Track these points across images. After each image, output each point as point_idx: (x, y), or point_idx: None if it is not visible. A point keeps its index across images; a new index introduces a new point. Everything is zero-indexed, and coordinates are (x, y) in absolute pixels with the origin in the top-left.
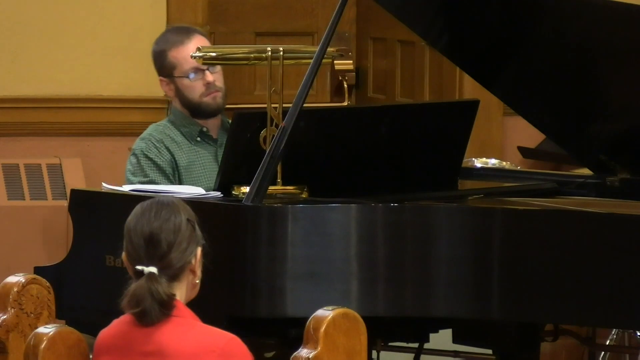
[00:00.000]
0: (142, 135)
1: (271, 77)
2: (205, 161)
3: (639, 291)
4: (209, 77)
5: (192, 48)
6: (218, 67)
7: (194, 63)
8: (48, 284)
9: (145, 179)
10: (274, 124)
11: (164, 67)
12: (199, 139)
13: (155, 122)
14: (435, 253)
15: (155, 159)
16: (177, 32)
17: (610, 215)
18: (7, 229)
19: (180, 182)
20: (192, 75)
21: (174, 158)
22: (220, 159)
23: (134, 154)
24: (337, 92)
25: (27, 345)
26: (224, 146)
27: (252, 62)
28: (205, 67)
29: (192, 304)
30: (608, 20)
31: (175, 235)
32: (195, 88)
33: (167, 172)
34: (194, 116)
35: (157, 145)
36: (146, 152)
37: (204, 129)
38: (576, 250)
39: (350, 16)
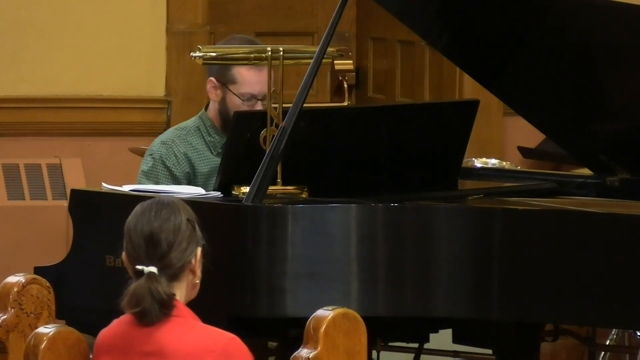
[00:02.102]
0: (164, 138)
1: (271, 77)
2: None
3: (639, 291)
4: (259, 107)
5: (261, 77)
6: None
7: (254, 90)
8: (48, 284)
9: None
10: (274, 124)
11: (224, 74)
12: (220, 150)
13: (156, 122)
14: (435, 253)
15: (172, 169)
16: (252, 43)
17: (610, 215)
18: (7, 229)
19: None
20: (245, 99)
21: (194, 169)
22: None
23: (152, 157)
24: (337, 92)
25: (27, 345)
26: (224, 146)
27: (252, 62)
28: (260, 96)
29: (192, 304)
30: (608, 20)
31: (175, 235)
32: (240, 109)
33: (182, 183)
34: (223, 128)
35: (178, 155)
36: (165, 159)
37: None
38: (576, 250)
39: (350, 16)
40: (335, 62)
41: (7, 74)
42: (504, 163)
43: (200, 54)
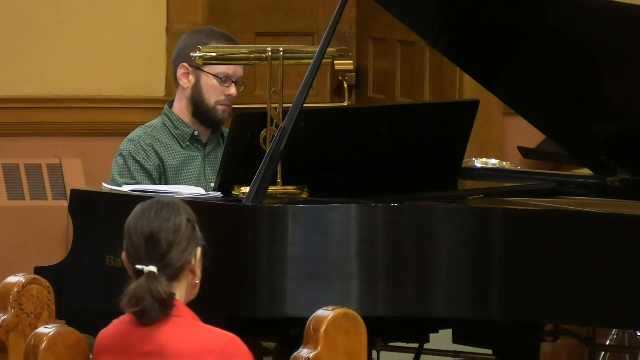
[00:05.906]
0: (130, 137)
1: (271, 77)
2: (192, 167)
3: (639, 291)
4: (233, 90)
5: None
6: (242, 87)
7: (229, 70)
8: (48, 284)
9: (132, 181)
10: (274, 124)
11: None
12: (188, 142)
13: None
14: (435, 253)
15: (143, 162)
16: (224, 35)
17: (610, 215)
18: (7, 229)
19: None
20: (221, 78)
21: (162, 162)
22: (206, 165)
23: (121, 155)
24: (337, 92)
25: (27, 345)
26: (224, 146)
27: (252, 62)
28: (234, 78)
29: (192, 304)
30: (608, 20)
31: (175, 235)
32: (216, 92)
33: (153, 176)
34: (194, 115)
35: (146, 148)
36: (134, 154)
37: (195, 133)
38: (576, 250)
39: (350, 16)
40: (335, 62)
41: (7, 74)
42: (504, 163)
43: (200, 54)
